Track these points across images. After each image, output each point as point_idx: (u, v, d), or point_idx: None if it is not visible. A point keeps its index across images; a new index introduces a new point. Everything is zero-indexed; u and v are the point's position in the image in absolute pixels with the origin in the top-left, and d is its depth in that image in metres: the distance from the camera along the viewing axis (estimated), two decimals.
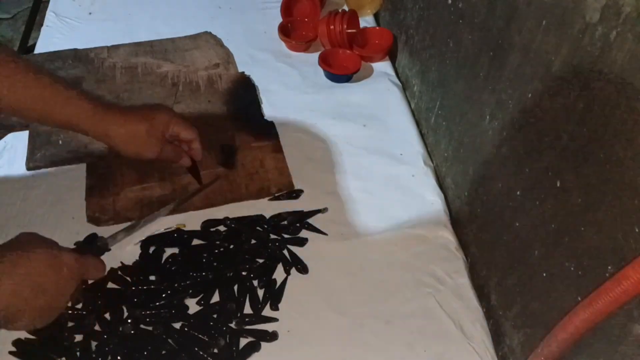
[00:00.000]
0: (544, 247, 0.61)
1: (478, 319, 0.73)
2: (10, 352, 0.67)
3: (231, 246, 0.78)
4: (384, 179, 0.88)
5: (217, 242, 0.78)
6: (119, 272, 0.75)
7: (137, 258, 0.77)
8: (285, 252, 0.78)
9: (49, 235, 0.77)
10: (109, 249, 0.75)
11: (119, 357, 0.66)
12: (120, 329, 0.68)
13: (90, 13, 1.17)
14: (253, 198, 0.85)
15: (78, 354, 0.66)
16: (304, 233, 0.81)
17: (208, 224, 0.81)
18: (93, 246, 0.74)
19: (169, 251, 0.78)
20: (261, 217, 0.82)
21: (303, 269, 0.76)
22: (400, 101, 1.02)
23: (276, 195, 0.85)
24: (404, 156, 0.92)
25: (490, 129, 0.71)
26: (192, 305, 0.72)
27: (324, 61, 1.05)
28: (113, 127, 0.73)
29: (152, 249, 0.78)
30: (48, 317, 0.62)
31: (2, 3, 1.98)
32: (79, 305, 0.71)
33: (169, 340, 0.68)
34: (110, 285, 0.74)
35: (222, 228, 0.81)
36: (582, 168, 0.52)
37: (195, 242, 0.79)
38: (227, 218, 0.81)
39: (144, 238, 0.78)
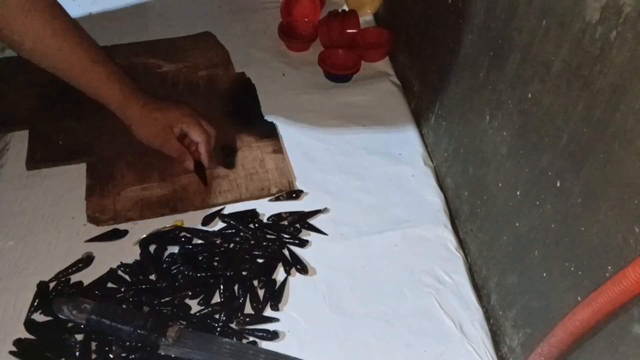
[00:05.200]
0: (544, 247, 0.61)
1: (478, 319, 0.73)
2: (11, 352, 0.67)
3: (231, 246, 0.78)
4: (384, 179, 0.88)
5: (217, 242, 0.78)
6: (119, 272, 0.75)
7: (137, 257, 0.76)
8: (286, 252, 0.78)
9: (49, 235, 0.78)
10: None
11: (118, 358, 0.66)
12: None
13: (90, 13, 1.17)
14: (253, 198, 0.85)
15: (78, 353, 0.66)
16: (304, 233, 0.81)
17: (207, 220, 0.81)
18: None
19: (168, 250, 0.78)
20: (254, 212, 0.82)
21: (303, 269, 0.76)
22: (400, 101, 1.02)
23: (276, 195, 0.85)
24: (404, 156, 0.92)
25: (490, 129, 0.71)
26: (193, 306, 0.72)
27: (324, 61, 1.05)
28: (133, 110, 0.82)
29: (152, 248, 0.77)
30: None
31: None
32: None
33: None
34: (110, 285, 0.74)
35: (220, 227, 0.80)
36: (582, 168, 0.52)
37: (195, 241, 0.79)
38: (222, 213, 0.82)
39: (143, 237, 0.78)
